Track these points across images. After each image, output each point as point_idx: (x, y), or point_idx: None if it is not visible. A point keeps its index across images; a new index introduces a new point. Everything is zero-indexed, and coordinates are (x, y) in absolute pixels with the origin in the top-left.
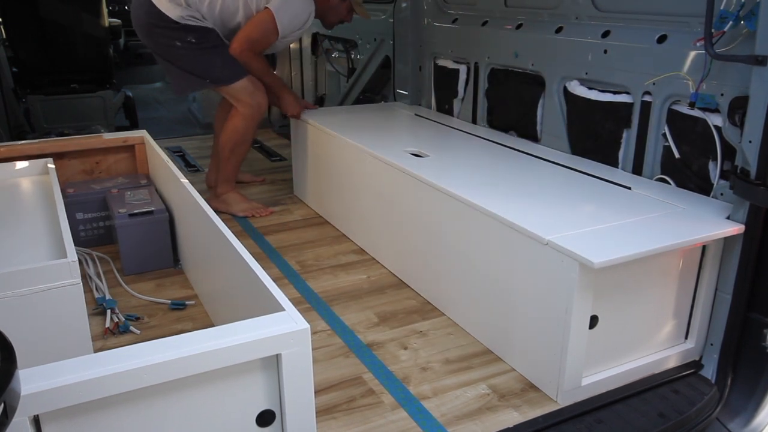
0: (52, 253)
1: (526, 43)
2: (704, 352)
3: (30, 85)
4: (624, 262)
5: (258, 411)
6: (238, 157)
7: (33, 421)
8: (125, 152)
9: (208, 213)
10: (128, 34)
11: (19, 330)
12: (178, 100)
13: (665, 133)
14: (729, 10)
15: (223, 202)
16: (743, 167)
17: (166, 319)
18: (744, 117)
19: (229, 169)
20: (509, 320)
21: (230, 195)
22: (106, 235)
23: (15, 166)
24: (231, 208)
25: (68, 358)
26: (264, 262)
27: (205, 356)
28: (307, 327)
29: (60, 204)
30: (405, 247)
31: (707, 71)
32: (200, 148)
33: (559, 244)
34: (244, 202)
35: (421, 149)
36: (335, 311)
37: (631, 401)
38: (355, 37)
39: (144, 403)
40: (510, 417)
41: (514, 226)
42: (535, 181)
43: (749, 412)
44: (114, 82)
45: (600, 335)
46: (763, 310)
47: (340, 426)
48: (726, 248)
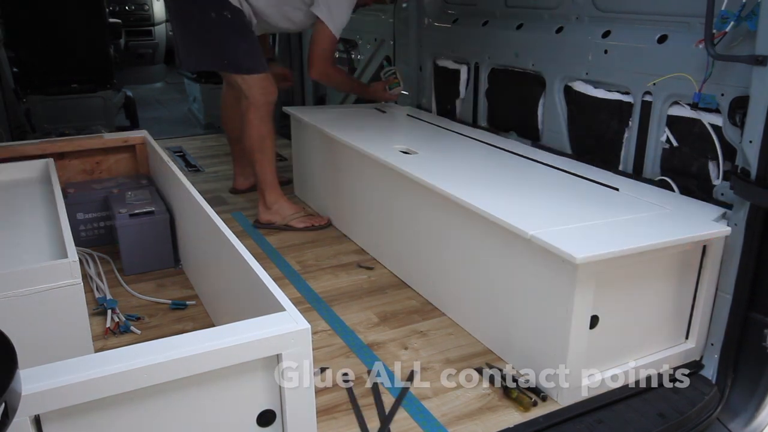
0: (53, 253)
1: (527, 43)
2: (705, 352)
3: (30, 85)
4: (607, 258)
5: (259, 411)
6: (269, 153)
7: (34, 421)
8: (126, 152)
9: (208, 213)
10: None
11: (19, 330)
12: (178, 100)
13: (666, 135)
14: (730, 11)
15: (276, 214)
16: (743, 167)
17: (166, 319)
18: (744, 117)
19: (267, 169)
20: (509, 320)
21: (282, 204)
22: (107, 235)
23: (16, 167)
24: (288, 220)
25: (69, 358)
26: (264, 262)
27: (205, 356)
28: (307, 327)
29: (61, 204)
30: (405, 247)
31: (710, 72)
32: (200, 148)
33: (542, 239)
34: (298, 209)
35: (411, 147)
36: (336, 311)
37: (632, 401)
38: (355, 37)
39: (144, 403)
40: (510, 417)
41: (498, 222)
42: (524, 179)
43: (750, 413)
44: (114, 82)
45: (600, 335)
46: (764, 310)
47: (341, 426)
48: (726, 248)
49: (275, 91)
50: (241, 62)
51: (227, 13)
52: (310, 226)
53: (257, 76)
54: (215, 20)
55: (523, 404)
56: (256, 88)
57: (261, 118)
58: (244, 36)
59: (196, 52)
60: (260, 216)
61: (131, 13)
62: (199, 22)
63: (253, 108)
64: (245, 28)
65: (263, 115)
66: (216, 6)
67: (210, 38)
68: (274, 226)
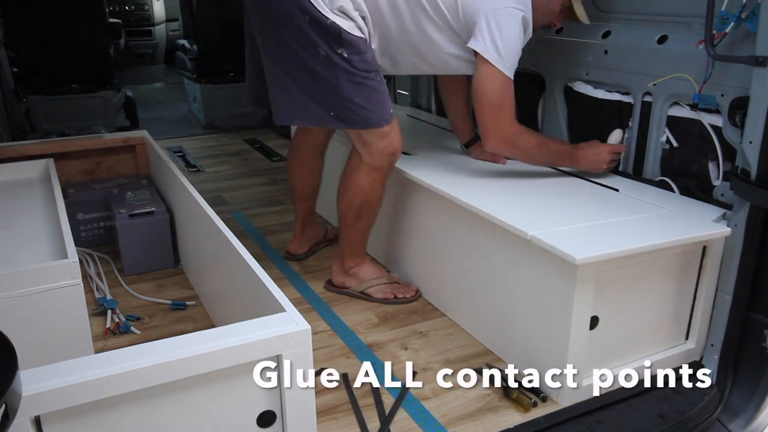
0: (53, 254)
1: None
2: (705, 352)
3: (30, 85)
4: (607, 259)
5: (259, 412)
6: (368, 222)
7: (34, 422)
8: (126, 152)
9: (208, 213)
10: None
11: (19, 330)
12: (178, 100)
13: (666, 135)
14: (730, 11)
15: (355, 278)
16: (743, 168)
17: (166, 319)
18: (744, 118)
19: (357, 238)
20: (509, 321)
21: (362, 267)
22: (107, 236)
23: (16, 167)
24: (367, 286)
25: (69, 359)
26: (265, 263)
27: (205, 357)
28: (307, 328)
29: (61, 204)
30: (404, 247)
31: (710, 72)
32: (200, 148)
33: (542, 239)
34: (380, 273)
35: (409, 148)
36: (336, 312)
37: (632, 402)
38: None
39: (145, 403)
40: (511, 417)
41: (498, 222)
42: (524, 180)
43: (750, 413)
44: (114, 82)
45: (600, 336)
46: (764, 310)
47: (341, 426)
48: (726, 249)
49: (401, 147)
50: (357, 114)
51: (342, 51)
52: (392, 297)
53: (380, 130)
54: (326, 60)
55: (523, 405)
56: (376, 146)
57: (374, 181)
58: (366, 79)
59: (298, 102)
60: (334, 277)
61: (131, 13)
62: (305, 65)
63: (366, 168)
64: (367, 66)
65: (378, 178)
66: (325, 39)
67: (316, 85)
68: (349, 291)
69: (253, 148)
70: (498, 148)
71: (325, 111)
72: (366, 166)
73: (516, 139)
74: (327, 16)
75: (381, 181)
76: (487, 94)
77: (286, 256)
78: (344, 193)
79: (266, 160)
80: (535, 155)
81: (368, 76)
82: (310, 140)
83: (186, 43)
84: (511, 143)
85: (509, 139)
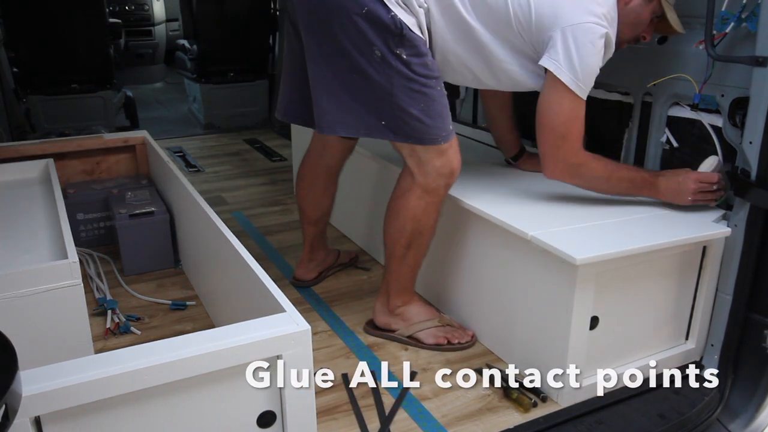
0: (53, 254)
1: None
2: (705, 352)
3: (30, 85)
4: (607, 259)
5: (259, 412)
6: (419, 254)
7: (34, 423)
8: (126, 152)
9: (208, 213)
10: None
11: (19, 331)
12: (178, 100)
13: (666, 135)
14: (730, 12)
15: (402, 319)
16: (744, 168)
17: (166, 319)
18: (744, 118)
19: (406, 272)
20: (509, 321)
21: (411, 307)
22: (107, 236)
23: (16, 167)
24: (416, 329)
25: (69, 359)
26: (265, 263)
27: (205, 357)
28: (307, 328)
29: (61, 204)
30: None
31: (710, 73)
32: (200, 148)
33: (542, 239)
34: (432, 314)
35: None
36: (336, 312)
37: (632, 402)
38: None
39: (145, 404)
40: (510, 418)
41: (498, 223)
42: (524, 180)
43: (750, 413)
44: (114, 82)
45: (601, 336)
46: (764, 310)
47: (341, 427)
48: (726, 249)
49: (459, 167)
50: (412, 127)
51: (400, 51)
52: (446, 343)
53: (437, 146)
54: (381, 61)
55: (523, 405)
56: (432, 165)
57: (428, 205)
58: (426, 85)
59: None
60: (377, 317)
61: (131, 13)
62: (358, 66)
63: (420, 191)
64: (427, 71)
65: (433, 202)
66: (382, 38)
67: (370, 89)
68: (394, 335)
69: (253, 148)
70: (557, 178)
71: (376, 118)
72: (419, 187)
73: (579, 169)
74: (389, 8)
75: (436, 205)
76: (552, 120)
77: (294, 282)
78: (393, 219)
79: (266, 160)
80: (602, 186)
81: (428, 84)
82: (323, 162)
83: (186, 43)
84: (573, 174)
85: (570, 169)
